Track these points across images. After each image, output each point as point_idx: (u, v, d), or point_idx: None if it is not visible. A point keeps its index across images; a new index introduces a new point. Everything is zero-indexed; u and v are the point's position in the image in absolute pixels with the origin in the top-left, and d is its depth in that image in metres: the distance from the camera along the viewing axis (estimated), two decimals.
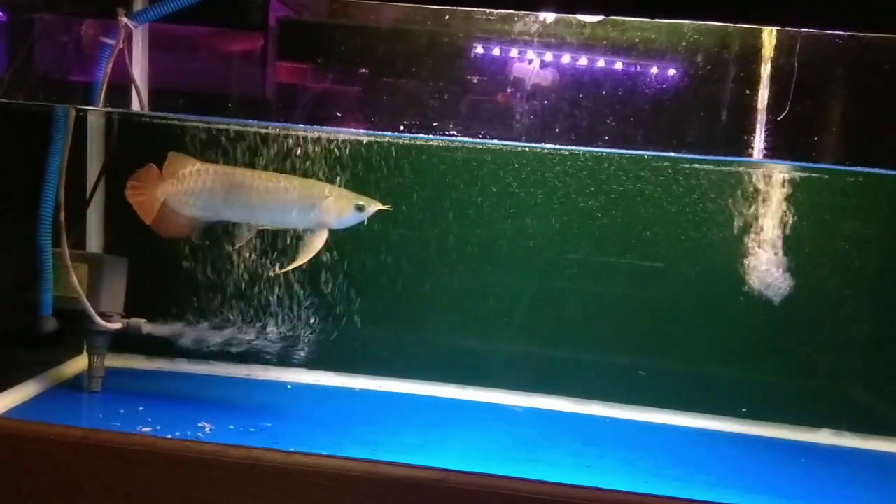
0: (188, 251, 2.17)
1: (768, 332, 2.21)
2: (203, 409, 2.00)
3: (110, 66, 1.84)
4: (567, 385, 2.31)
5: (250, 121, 2.05)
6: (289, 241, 2.12)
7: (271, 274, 2.12)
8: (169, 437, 1.75)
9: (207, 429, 1.85)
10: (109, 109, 2.06)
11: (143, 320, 2.05)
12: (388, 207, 1.98)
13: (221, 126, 2.06)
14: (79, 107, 1.93)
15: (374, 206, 1.96)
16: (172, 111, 2.08)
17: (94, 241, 2.31)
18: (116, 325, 2.03)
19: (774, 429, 2.25)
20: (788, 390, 2.28)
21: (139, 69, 2.03)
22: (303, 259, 1.93)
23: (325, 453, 1.68)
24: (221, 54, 2.08)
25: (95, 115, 2.20)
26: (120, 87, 1.94)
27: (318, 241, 1.94)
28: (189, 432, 1.81)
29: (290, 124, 2.05)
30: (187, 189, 1.92)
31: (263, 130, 2.06)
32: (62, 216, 1.88)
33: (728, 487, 1.82)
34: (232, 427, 1.88)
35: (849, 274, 2.22)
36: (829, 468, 2.05)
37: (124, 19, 1.84)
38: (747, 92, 1.83)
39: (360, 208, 1.93)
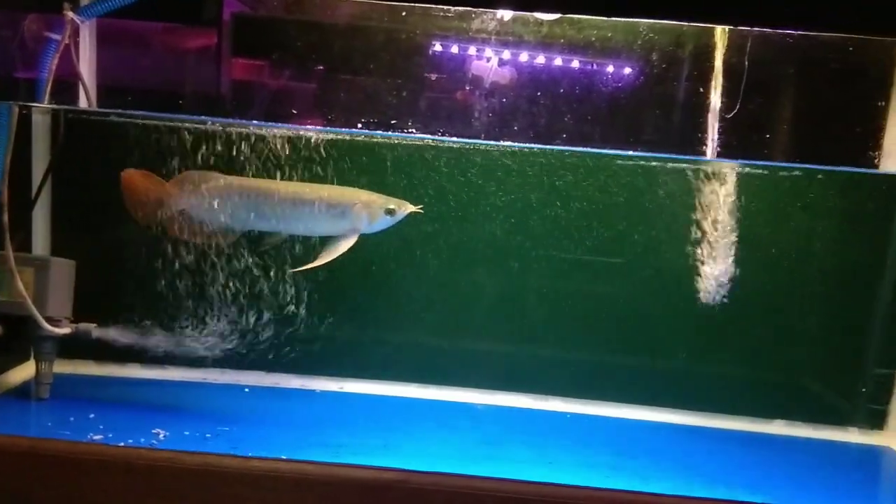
0: (139, 252, 2.11)
1: (721, 326, 2.25)
2: (157, 415, 1.95)
3: (55, 62, 1.78)
4: (528, 382, 2.33)
5: (203, 118, 2.01)
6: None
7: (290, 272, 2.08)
8: (121, 444, 1.70)
9: (161, 435, 1.80)
10: (55, 107, 1.99)
11: (93, 325, 1.99)
12: (420, 209, 1.97)
13: (178, 124, 2.02)
14: (22, 104, 1.87)
15: (406, 209, 1.96)
16: (122, 108, 2.03)
17: (40, 243, 2.24)
18: (64, 330, 1.96)
19: (730, 421, 2.29)
20: (742, 383, 2.33)
21: (86, 65, 1.97)
22: (323, 260, 1.92)
23: (284, 457, 1.66)
24: (173, 50, 2.03)
25: (40, 113, 2.13)
26: (66, 84, 1.88)
27: (344, 245, 1.94)
28: (142, 439, 1.76)
29: (244, 121, 2.01)
30: (212, 202, 1.93)
31: (218, 128, 2.02)
32: (6, 218, 1.81)
33: (686, 479, 1.85)
34: (187, 433, 1.84)
35: (798, 267, 2.28)
36: (784, 458, 2.10)
37: (70, 14, 1.78)
38: (701, 90, 1.85)
39: (390, 212, 1.94)
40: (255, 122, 2.01)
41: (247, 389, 2.24)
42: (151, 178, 2.00)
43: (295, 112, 1.94)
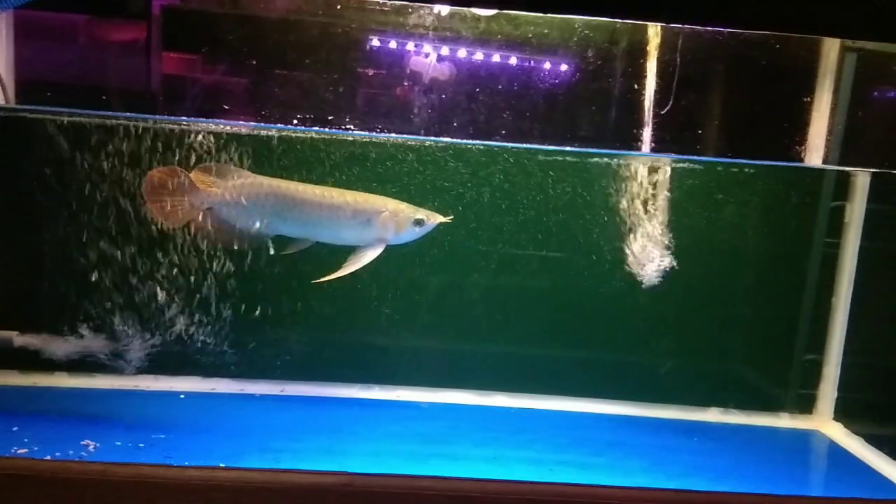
0: (64, 256, 2.02)
1: (656, 317, 2.30)
2: (86, 426, 1.86)
3: None
4: (471, 378, 2.33)
5: (129, 114, 1.93)
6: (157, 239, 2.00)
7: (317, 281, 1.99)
8: (48, 458, 1.63)
9: (91, 447, 1.73)
10: None
11: (14, 332, 1.90)
12: (450, 219, 1.93)
13: (112, 120, 1.94)
14: None
15: (435, 219, 1.91)
16: (43, 105, 1.93)
17: None
18: None
19: (667, 410, 2.35)
20: (678, 373, 2.38)
21: (4, 60, 1.87)
22: (347, 270, 1.86)
23: (222, 465, 1.61)
24: (99, 44, 1.95)
25: None
26: None
27: (370, 255, 1.88)
28: (71, 452, 1.69)
29: (173, 118, 1.94)
30: (239, 201, 1.83)
31: (142, 124, 1.95)
32: None
33: (627, 469, 1.89)
34: (119, 443, 1.77)
35: (729, 258, 2.35)
36: (720, 444, 2.16)
37: None
38: (635, 87, 1.88)
39: (418, 223, 1.89)
40: (185, 118, 1.94)
41: (182, 396, 2.16)
42: (174, 172, 1.89)
43: (228, 108, 1.88)
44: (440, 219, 1.93)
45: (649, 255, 2.21)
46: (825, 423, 2.34)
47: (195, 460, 1.67)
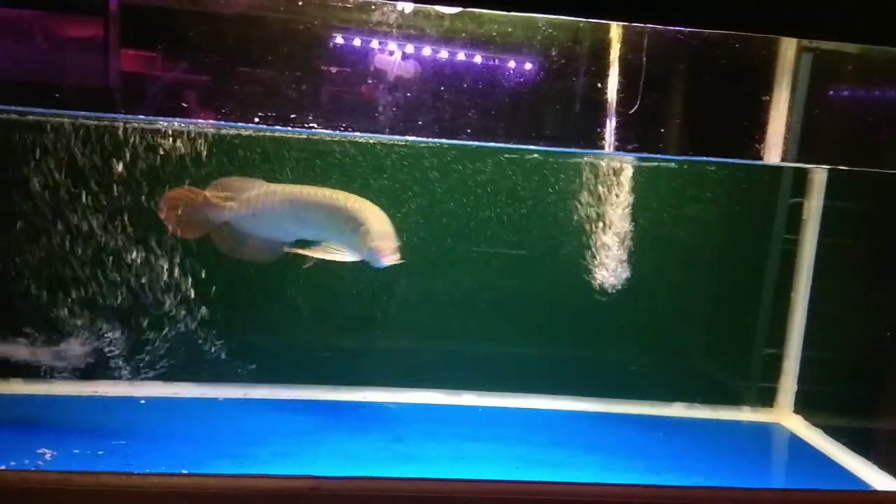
0: (17, 258, 1.96)
1: (619, 314, 2.32)
2: (43, 434, 1.81)
3: None
4: (438, 378, 2.32)
5: (85, 113, 1.88)
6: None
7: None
8: (2, 468, 1.58)
9: (48, 455, 1.68)
10: None
11: None
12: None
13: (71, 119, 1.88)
14: None
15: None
16: None
17: None
18: None
19: (633, 406, 2.37)
20: (643, 369, 2.41)
21: None
22: (316, 255, 1.84)
23: (185, 472, 1.58)
24: (54, 41, 1.89)
25: None
26: None
27: (342, 256, 1.86)
28: (27, 461, 1.64)
29: (132, 116, 1.90)
30: (257, 212, 1.82)
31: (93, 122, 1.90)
32: None
33: (593, 465, 1.90)
34: (77, 451, 1.72)
35: (690, 254, 2.38)
36: (685, 438, 2.19)
37: None
38: (598, 86, 1.90)
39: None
40: (144, 116, 1.90)
41: (143, 401, 2.11)
42: (190, 191, 1.88)
43: (187, 106, 1.84)
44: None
45: (612, 252, 2.23)
46: (786, 416, 2.39)
47: (157, 467, 1.64)
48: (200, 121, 1.89)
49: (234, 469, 1.68)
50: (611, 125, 1.92)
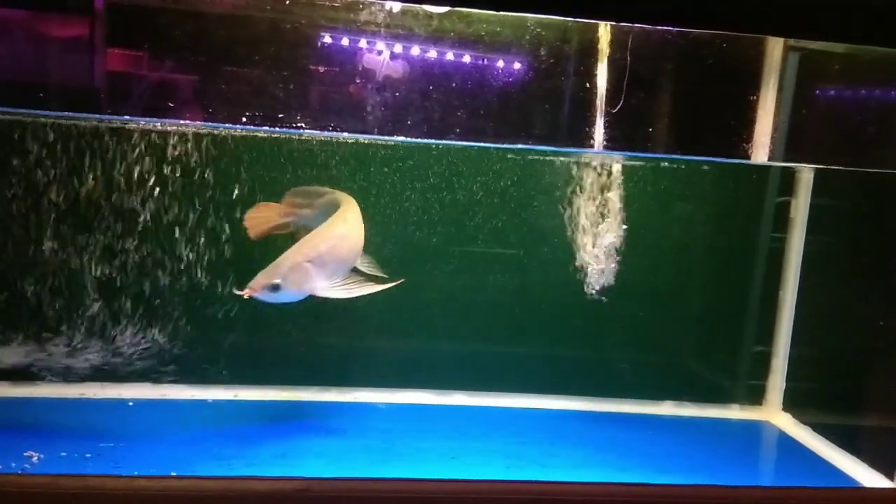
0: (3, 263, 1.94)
1: (609, 313, 2.33)
2: (29, 437, 1.79)
3: None
4: (428, 378, 2.32)
5: (71, 114, 1.87)
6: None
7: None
8: None
9: (35, 458, 1.66)
10: None
11: None
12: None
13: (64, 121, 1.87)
14: None
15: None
16: None
17: None
18: None
19: (622, 404, 2.38)
20: (632, 367, 2.42)
21: None
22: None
23: (174, 474, 1.57)
24: (38, 40, 1.87)
25: None
26: None
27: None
28: (13, 464, 1.62)
29: (117, 117, 1.88)
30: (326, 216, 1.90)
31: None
32: None
33: (584, 464, 1.91)
34: (64, 454, 1.71)
35: (678, 253, 2.39)
36: (674, 437, 2.20)
37: None
38: (587, 85, 1.90)
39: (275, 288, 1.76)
40: (130, 117, 1.88)
41: (131, 403, 2.10)
42: (268, 207, 1.94)
43: (174, 106, 1.83)
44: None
45: (600, 250, 2.24)
46: (775, 414, 2.40)
47: (145, 469, 1.63)
48: (187, 121, 1.88)
49: (223, 471, 1.67)
50: (599, 124, 1.92)
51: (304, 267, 1.81)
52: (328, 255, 1.84)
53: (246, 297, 1.76)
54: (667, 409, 2.40)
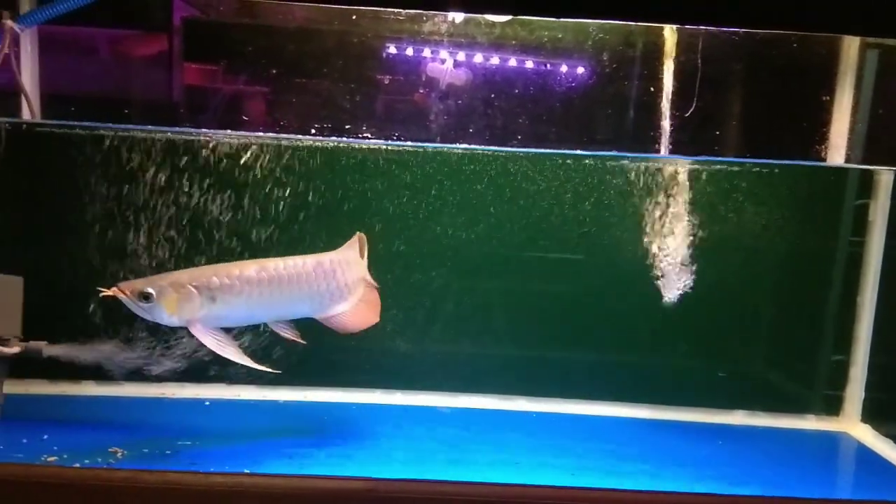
0: (88, 267, 2.05)
1: (681, 320, 2.28)
2: (113, 434, 1.89)
3: None
4: (492, 383, 2.33)
5: (151, 127, 1.97)
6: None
7: None
8: (77, 465, 1.65)
9: (119, 454, 1.75)
10: None
11: (44, 342, 1.92)
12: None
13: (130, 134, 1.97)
14: None
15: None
16: (67, 119, 1.97)
17: None
18: (14, 349, 1.89)
19: (692, 413, 2.33)
20: (703, 375, 2.36)
21: (28, 75, 1.91)
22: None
23: (247, 472, 1.62)
24: (121, 57, 1.98)
25: None
26: (7, 95, 1.82)
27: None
28: (99, 459, 1.71)
29: (195, 129, 1.97)
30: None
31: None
32: None
33: (652, 473, 1.87)
34: (146, 451, 1.79)
35: (753, 259, 2.32)
36: (745, 447, 2.13)
37: (9, 22, 1.73)
38: (652, 89, 1.88)
39: (145, 297, 1.64)
40: (205, 129, 1.97)
41: (207, 403, 2.19)
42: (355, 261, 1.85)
43: (247, 119, 1.91)
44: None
45: (673, 257, 2.20)
46: (853, 425, 2.30)
47: (220, 467, 1.69)
48: (260, 133, 1.95)
49: (293, 469, 1.72)
50: (665, 128, 1.90)
51: (187, 290, 1.64)
52: (221, 293, 1.66)
53: (110, 294, 1.63)
54: (738, 418, 2.33)
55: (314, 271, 1.75)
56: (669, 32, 1.82)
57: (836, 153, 1.92)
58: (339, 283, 1.78)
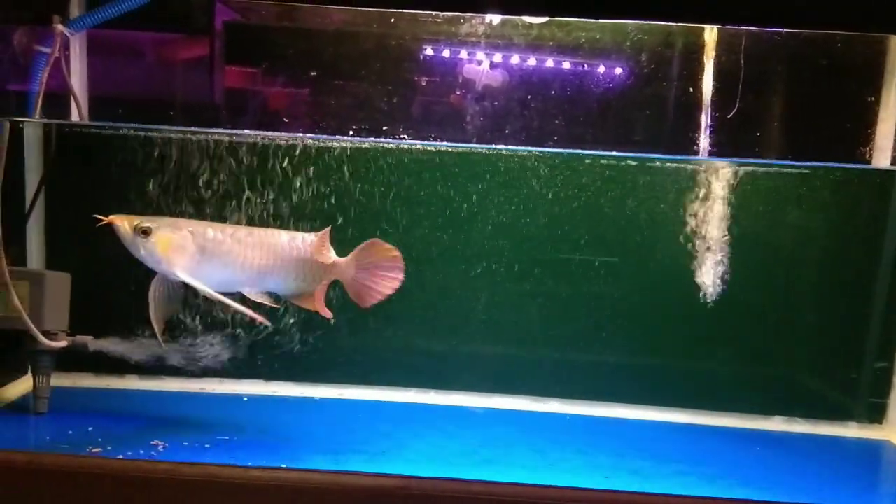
0: (134, 263, 2.10)
1: (719, 323, 2.25)
2: (155, 427, 1.94)
3: (46, 75, 1.78)
4: (525, 384, 2.33)
5: (194, 129, 2.01)
6: None
7: None
8: (120, 457, 1.69)
9: (160, 447, 1.80)
10: (46, 121, 1.99)
11: (90, 337, 1.98)
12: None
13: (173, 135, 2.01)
14: (14, 119, 1.87)
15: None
16: (113, 121, 2.03)
17: (35, 257, 2.23)
18: (61, 344, 1.95)
19: (728, 418, 2.29)
20: (741, 380, 2.33)
21: (77, 78, 1.97)
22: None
23: (284, 466, 1.65)
24: (165, 60, 2.03)
25: (32, 127, 2.13)
26: (57, 97, 1.88)
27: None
28: (141, 451, 1.76)
29: (237, 131, 2.01)
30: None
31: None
32: None
33: (687, 478, 1.85)
34: (186, 444, 1.83)
35: (794, 263, 2.28)
36: (783, 454, 2.10)
37: (60, 27, 1.78)
38: (691, 90, 1.86)
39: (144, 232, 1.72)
40: (247, 131, 2.01)
41: (245, 398, 2.23)
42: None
43: (287, 120, 1.94)
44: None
45: (711, 260, 2.17)
46: None
47: (257, 461, 1.72)
48: (299, 134, 1.98)
49: (328, 465, 1.74)
50: (705, 130, 1.88)
51: (184, 234, 1.72)
52: (213, 246, 1.75)
53: (105, 221, 1.72)
54: (776, 424, 2.29)
55: (289, 244, 1.80)
56: (709, 33, 1.79)
57: (882, 155, 1.88)
58: (311, 265, 1.82)
